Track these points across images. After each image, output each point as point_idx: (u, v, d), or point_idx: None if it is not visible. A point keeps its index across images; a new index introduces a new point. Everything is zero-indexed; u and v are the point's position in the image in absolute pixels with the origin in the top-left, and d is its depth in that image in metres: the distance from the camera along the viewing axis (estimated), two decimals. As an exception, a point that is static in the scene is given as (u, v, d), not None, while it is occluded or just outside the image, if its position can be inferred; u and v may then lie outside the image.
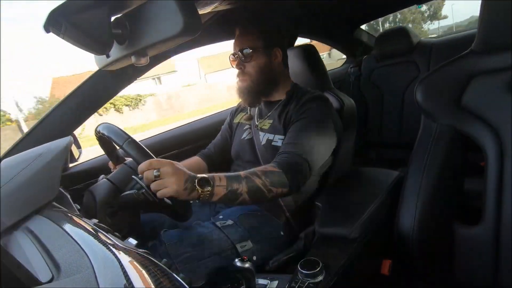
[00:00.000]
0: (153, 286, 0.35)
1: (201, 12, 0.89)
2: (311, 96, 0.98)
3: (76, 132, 1.09)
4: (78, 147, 1.09)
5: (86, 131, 3.55)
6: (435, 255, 0.77)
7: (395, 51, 1.71)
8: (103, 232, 0.49)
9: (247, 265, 0.61)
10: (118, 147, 0.82)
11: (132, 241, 0.66)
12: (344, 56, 2.20)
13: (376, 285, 0.86)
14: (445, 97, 0.73)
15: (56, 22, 0.47)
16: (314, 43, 1.77)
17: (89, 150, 1.45)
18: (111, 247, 0.42)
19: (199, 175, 0.72)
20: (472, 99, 0.70)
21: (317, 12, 1.46)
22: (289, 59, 1.10)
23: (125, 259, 0.39)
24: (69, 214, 0.57)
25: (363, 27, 2.02)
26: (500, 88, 0.66)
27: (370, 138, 1.86)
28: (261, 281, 0.71)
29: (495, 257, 0.68)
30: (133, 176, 0.73)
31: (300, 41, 1.69)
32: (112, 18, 0.53)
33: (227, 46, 1.12)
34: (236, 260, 0.62)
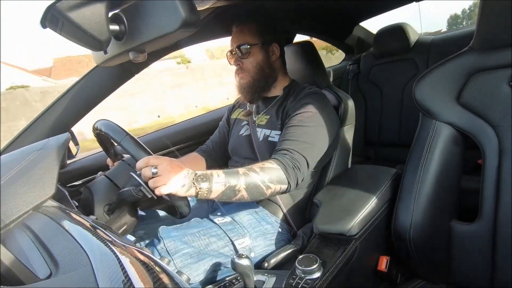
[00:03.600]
0: (151, 283, 0.35)
1: (199, 8, 0.88)
2: (308, 92, 0.98)
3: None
4: (76, 143, 1.08)
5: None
6: (432, 251, 0.78)
7: (393, 49, 1.71)
8: (101, 229, 0.49)
9: (245, 261, 0.61)
10: (116, 144, 0.82)
11: (130, 238, 0.67)
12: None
13: (373, 282, 0.86)
14: (443, 95, 0.73)
15: (53, 18, 0.47)
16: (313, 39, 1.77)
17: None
18: (109, 244, 0.42)
19: (197, 172, 0.72)
20: (470, 96, 0.70)
21: (316, 9, 1.45)
22: (288, 56, 1.10)
23: (123, 255, 0.39)
24: (67, 211, 0.57)
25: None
26: (499, 86, 0.66)
27: (369, 136, 1.86)
28: (259, 278, 0.71)
29: (492, 253, 0.69)
30: (131, 173, 0.73)
31: (299, 38, 1.69)
32: (110, 14, 0.53)
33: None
34: (234, 256, 0.62)
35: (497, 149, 0.66)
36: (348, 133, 1.10)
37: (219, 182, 0.74)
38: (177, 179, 0.68)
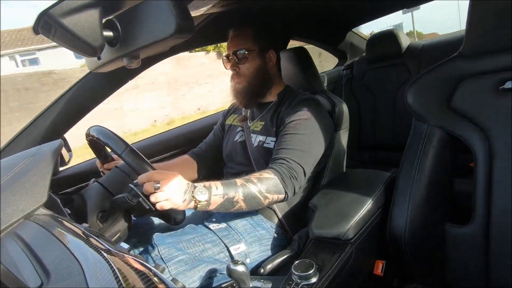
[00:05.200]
0: None
1: (194, 14, 0.89)
2: (302, 98, 0.98)
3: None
4: (69, 150, 1.07)
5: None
6: (427, 255, 0.78)
7: (385, 54, 1.73)
8: (94, 237, 0.48)
9: (240, 268, 0.61)
10: (110, 151, 0.81)
11: (124, 245, 0.66)
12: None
13: (369, 286, 0.86)
14: (434, 99, 0.74)
15: (46, 24, 0.47)
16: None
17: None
18: (102, 252, 0.41)
19: (196, 184, 0.73)
20: (461, 101, 0.71)
21: (309, 15, 1.47)
22: (282, 61, 1.11)
23: (116, 264, 0.38)
24: (59, 219, 0.56)
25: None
26: (488, 91, 0.68)
27: (363, 140, 1.88)
28: (255, 284, 0.71)
29: (486, 256, 0.69)
30: (130, 185, 0.73)
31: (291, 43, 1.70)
32: (104, 20, 0.53)
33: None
34: (230, 262, 0.62)
35: (488, 153, 0.67)
36: (343, 137, 1.11)
37: (217, 194, 0.74)
38: (178, 194, 0.69)
